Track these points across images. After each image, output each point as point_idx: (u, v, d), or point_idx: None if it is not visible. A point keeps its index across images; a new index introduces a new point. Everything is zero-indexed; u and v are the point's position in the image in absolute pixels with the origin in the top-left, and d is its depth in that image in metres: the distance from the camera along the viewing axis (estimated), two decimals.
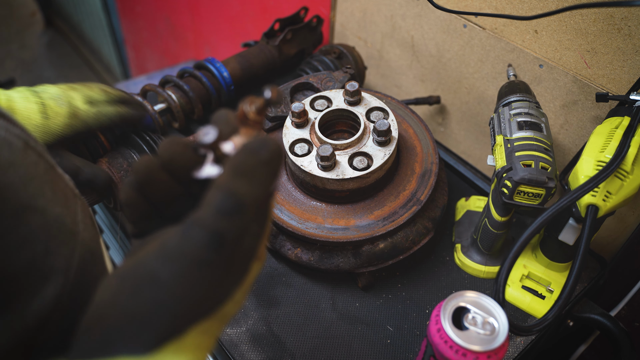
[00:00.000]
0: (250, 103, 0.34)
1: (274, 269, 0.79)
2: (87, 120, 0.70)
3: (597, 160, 0.60)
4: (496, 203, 0.70)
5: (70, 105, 0.67)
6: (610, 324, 0.73)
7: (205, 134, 0.34)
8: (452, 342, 0.50)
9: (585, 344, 0.92)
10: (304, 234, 0.72)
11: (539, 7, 0.77)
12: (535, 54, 0.81)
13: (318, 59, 1.01)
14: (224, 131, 0.34)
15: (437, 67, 0.99)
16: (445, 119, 1.04)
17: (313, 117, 0.77)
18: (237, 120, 0.35)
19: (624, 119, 0.63)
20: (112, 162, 0.75)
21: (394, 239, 0.73)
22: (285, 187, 0.78)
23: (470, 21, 0.88)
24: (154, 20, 2.23)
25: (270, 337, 0.71)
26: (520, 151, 0.64)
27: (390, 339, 0.71)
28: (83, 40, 3.19)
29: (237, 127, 0.35)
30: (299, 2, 1.29)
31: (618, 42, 0.70)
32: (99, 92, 0.74)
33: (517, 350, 0.70)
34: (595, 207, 0.58)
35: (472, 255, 0.78)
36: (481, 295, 0.53)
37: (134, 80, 1.98)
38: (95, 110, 0.71)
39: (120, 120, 0.75)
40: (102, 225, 1.10)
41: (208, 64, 0.98)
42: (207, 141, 0.33)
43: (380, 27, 1.06)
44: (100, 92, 0.74)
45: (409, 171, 0.78)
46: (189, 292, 0.29)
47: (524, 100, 0.71)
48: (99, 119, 0.72)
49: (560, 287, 0.73)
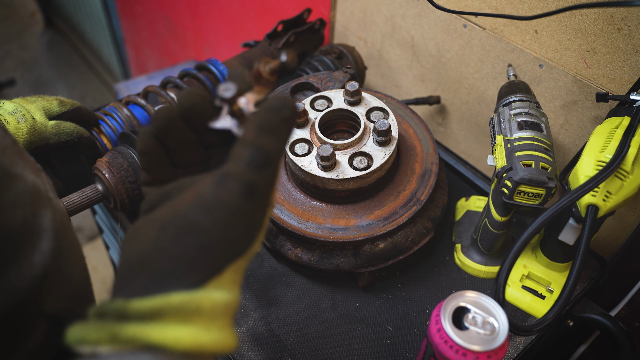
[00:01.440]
0: (265, 64, 0.38)
1: (274, 269, 0.79)
2: (46, 135, 0.72)
3: (597, 160, 0.60)
4: (496, 203, 0.70)
5: (28, 119, 0.68)
6: (610, 324, 0.73)
7: (225, 89, 0.37)
8: (452, 342, 0.50)
9: (585, 344, 0.92)
10: (304, 234, 0.72)
11: (539, 7, 0.77)
12: (535, 54, 0.81)
13: (318, 59, 1.01)
14: (240, 87, 0.37)
15: (437, 67, 0.99)
16: (445, 119, 1.04)
17: (313, 117, 0.77)
18: (252, 78, 0.38)
19: (624, 119, 0.63)
20: (112, 162, 0.75)
21: (394, 239, 0.73)
22: (285, 187, 0.78)
23: (470, 21, 0.88)
24: (153, 20, 2.23)
25: (270, 337, 0.71)
26: (520, 151, 0.64)
27: (390, 339, 0.71)
28: (83, 40, 3.19)
29: (251, 85, 0.38)
30: (299, 2, 1.29)
31: (618, 42, 0.70)
32: (56, 102, 0.76)
33: (517, 350, 0.70)
34: (595, 207, 0.58)
35: (472, 255, 0.78)
36: (481, 295, 0.53)
37: (134, 80, 1.98)
38: (54, 124, 0.72)
39: (78, 138, 0.76)
40: (102, 225, 1.10)
41: (210, 65, 0.98)
42: (227, 96, 0.37)
43: (380, 27, 1.06)
44: (57, 103, 0.76)
45: (409, 171, 0.78)
46: (227, 237, 0.33)
47: (524, 100, 0.71)
48: (58, 133, 0.73)
49: (560, 287, 0.73)
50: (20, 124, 0.68)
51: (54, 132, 0.73)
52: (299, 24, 1.10)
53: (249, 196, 0.33)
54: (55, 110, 0.75)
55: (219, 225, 0.33)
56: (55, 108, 0.75)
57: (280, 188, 0.78)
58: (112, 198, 0.76)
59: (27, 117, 0.69)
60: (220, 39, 1.82)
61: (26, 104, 0.72)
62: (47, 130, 0.72)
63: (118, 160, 0.75)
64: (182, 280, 0.32)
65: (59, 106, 0.76)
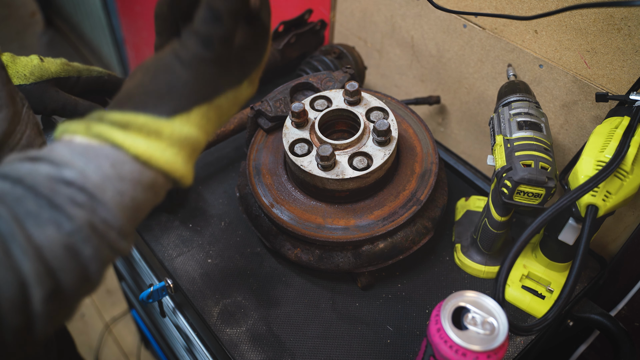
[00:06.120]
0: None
1: (274, 269, 0.80)
2: (79, 69, 0.80)
3: (597, 160, 0.60)
4: (496, 203, 0.70)
5: (63, 60, 0.79)
6: (610, 324, 0.73)
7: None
8: (452, 341, 0.50)
9: (585, 344, 0.92)
10: (304, 234, 0.72)
11: (539, 7, 0.77)
12: (535, 54, 0.81)
13: (318, 59, 1.00)
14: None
15: (437, 67, 0.99)
16: (445, 119, 1.04)
17: (313, 117, 0.77)
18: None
19: (623, 118, 0.63)
20: None
21: (393, 239, 0.73)
22: (285, 187, 0.78)
23: (470, 21, 0.88)
24: (153, 20, 2.22)
25: (270, 337, 0.71)
26: (520, 151, 0.64)
27: (390, 339, 0.71)
28: (83, 40, 3.19)
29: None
30: (299, 2, 1.29)
31: (618, 42, 0.70)
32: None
33: (517, 350, 0.70)
34: (595, 207, 0.58)
35: (472, 255, 0.78)
36: (481, 295, 0.53)
37: None
38: (87, 66, 0.82)
39: (108, 77, 0.83)
40: None
41: None
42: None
43: (380, 27, 1.06)
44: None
45: (409, 171, 0.78)
46: (192, 79, 0.42)
47: (523, 100, 0.71)
48: (89, 69, 0.82)
49: (560, 287, 0.73)
50: (55, 60, 0.78)
51: (85, 68, 0.81)
52: (300, 25, 1.10)
53: (204, 46, 0.41)
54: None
55: (186, 68, 0.41)
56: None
57: (280, 188, 0.78)
58: None
59: (61, 59, 0.79)
60: None
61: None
62: (81, 66, 0.81)
63: None
64: (153, 109, 0.41)
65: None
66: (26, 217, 0.34)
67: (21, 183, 0.36)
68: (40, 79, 0.74)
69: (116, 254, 0.39)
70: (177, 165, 0.41)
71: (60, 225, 0.35)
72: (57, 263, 0.35)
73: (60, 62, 0.78)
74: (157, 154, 0.40)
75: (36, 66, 0.74)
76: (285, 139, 0.75)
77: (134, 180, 0.39)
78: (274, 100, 0.84)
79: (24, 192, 0.35)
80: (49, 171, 0.37)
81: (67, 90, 0.79)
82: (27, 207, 0.35)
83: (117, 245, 0.39)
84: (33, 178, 0.36)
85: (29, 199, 0.35)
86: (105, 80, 0.83)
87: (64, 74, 0.78)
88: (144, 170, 0.40)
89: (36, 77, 0.74)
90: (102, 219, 0.37)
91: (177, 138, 0.41)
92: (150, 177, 0.40)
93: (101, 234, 0.37)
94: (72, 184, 0.37)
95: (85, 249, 0.36)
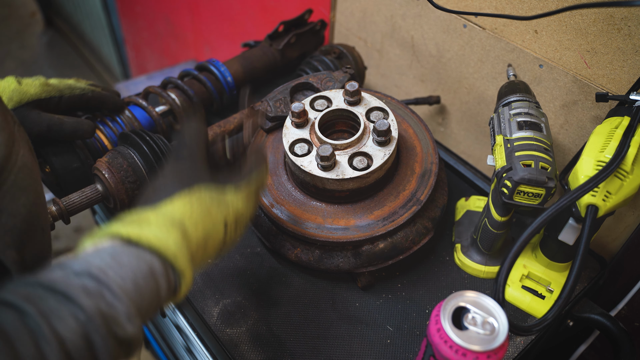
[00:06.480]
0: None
1: (274, 269, 0.80)
2: (59, 88, 0.77)
3: (597, 160, 0.60)
4: (496, 203, 0.70)
5: (42, 79, 0.76)
6: (610, 324, 0.73)
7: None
8: (452, 342, 0.50)
9: (585, 344, 0.92)
10: (304, 234, 0.72)
11: (539, 7, 0.77)
12: (535, 54, 0.81)
13: (318, 59, 1.00)
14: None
15: (437, 67, 0.99)
16: (445, 119, 1.04)
17: (313, 117, 0.77)
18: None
19: (623, 119, 0.63)
20: (112, 162, 0.75)
21: (393, 239, 0.73)
22: (285, 187, 0.78)
23: (470, 21, 0.88)
24: (153, 20, 2.23)
25: (270, 337, 0.71)
26: (520, 151, 0.64)
27: (390, 339, 0.71)
28: (83, 40, 3.19)
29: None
30: (299, 2, 1.29)
31: (618, 42, 0.70)
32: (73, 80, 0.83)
33: (517, 350, 0.70)
34: (595, 207, 0.58)
35: (472, 255, 0.78)
36: (481, 295, 0.53)
37: (133, 81, 1.98)
38: (68, 84, 0.79)
39: (92, 93, 0.81)
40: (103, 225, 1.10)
41: (212, 66, 0.98)
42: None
43: (380, 27, 1.06)
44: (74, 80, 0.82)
45: (409, 171, 0.78)
46: (170, 173, 0.54)
47: (523, 100, 0.71)
48: (71, 87, 0.79)
49: (560, 287, 0.73)
50: (34, 80, 0.75)
51: (67, 86, 0.78)
52: (300, 25, 1.10)
53: (176, 156, 0.56)
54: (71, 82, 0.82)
55: (168, 168, 0.54)
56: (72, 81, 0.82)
57: (280, 188, 0.78)
58: (111, 198, 0.76)
59: (40, 79, 0.76)
60: (220, 39, 1.82)
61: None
62: (61, 84, 0.78)
63: (118, 161, 0.75)
64: (147, 204, 0.50)
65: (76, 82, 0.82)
66: (50, 313, 0.37)
67: (41, 286, 0.39)
68: (20, 103, 0.71)
69: (124, 343, 0.41)
70: (168, 243, 0.46)
71: (77, 317, 0.38)
72: (76, 353, 0.37)
73: (40, 83, 0.75)
74: (146, 232, 0.45)
75: (14, 90, 0.71)
76: (285, 139, 0.75)
77: (131, 265, 0.43)
78: (274, 100, 0.84)
79: (44, 292, 0.39)
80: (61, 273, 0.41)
81: (50, 109, 0.76)
82: (49, 303, 0.38)
83: (125, 329, 0.40)
84: (49, 278, 0.40)
85: (50, 296, 0.38)
86: (90, 98, 0.80)
87: (45, 95, 0.75)
88: (140, 253, 0.44)
89: (15, 102, 0.71)
90: (109, 303, 0.40)
91: (163, 221, 0.47)
92: (147, 260, 0.44)
93: (109, 319, 0.39)
94: (80, 273, 0.40)
95: (97, 339, 0.39)
